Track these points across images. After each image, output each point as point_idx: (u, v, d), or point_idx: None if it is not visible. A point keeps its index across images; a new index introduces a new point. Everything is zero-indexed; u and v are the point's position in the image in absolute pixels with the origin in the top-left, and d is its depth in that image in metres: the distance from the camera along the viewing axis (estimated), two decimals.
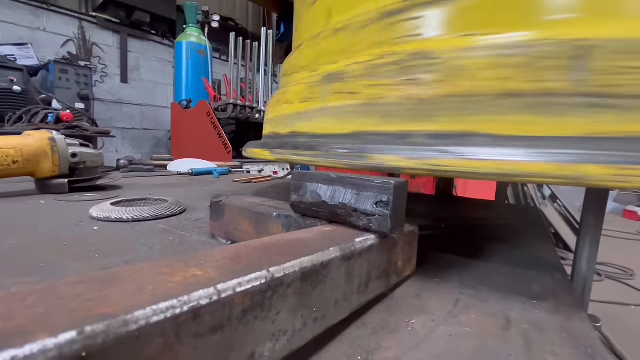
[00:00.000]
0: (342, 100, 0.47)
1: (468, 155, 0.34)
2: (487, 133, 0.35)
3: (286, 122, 0.60)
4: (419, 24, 0.41)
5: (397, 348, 0.26)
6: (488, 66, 0.36)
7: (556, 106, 0.32)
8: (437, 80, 0.38)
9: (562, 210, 3.15)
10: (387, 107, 0.42)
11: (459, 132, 0.37)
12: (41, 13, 3.29)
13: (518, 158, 0.32)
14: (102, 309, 0.14)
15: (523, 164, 0.32)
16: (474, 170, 0.34)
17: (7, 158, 0.76)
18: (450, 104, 0.37)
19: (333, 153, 0.45)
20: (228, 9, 5.03)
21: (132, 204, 0.73)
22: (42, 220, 0.60)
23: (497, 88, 0.35)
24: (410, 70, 0.40)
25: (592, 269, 0.60)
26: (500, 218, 0.82)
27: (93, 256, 0.44)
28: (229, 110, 2.76)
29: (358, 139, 0.45)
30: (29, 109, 2.36)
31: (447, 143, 0.37)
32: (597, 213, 0.56)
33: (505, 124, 0.34)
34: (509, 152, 0.33)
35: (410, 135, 0.40)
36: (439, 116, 0.38)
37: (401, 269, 0.38)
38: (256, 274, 0.20)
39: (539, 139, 0.33)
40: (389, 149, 0.40)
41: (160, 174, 1.48)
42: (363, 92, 0.45)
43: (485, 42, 0.36)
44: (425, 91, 0.39)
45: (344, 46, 0.50)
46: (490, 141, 0.35)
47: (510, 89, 0.34)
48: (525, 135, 0.33)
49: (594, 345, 0.28)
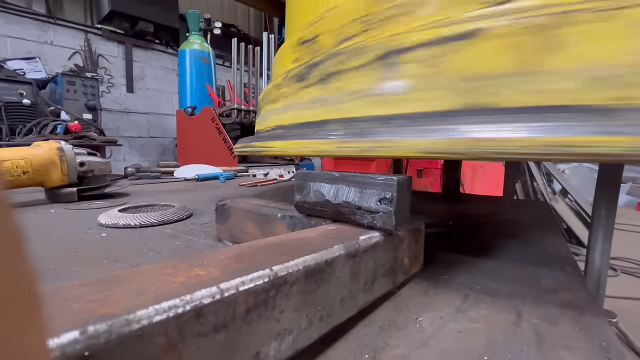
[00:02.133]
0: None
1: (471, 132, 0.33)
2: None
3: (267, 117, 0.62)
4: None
5: (405, 346, 0.26)
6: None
7: None
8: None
9: (573, 205, 3.09)
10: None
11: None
12: (48, 27, 3.36)
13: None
14: (105, 310, 0.15)
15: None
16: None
17: (17, 169, 0.78)
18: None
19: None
20: (230, 15, 5.08)
21: (140, 210, 0.74)
22: (53, 229, 0.61)
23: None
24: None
25: (606, 263, 0.58)
26: (509, 214, 0.81)
27: (101, 262, 0.45)
28: (233, 116, 2.78)
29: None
30: (38, 121, 2.41)
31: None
32: (608, 204, 0.55)
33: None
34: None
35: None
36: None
37: (408, 266, 0.38)
38: (259, 273, 0.20)
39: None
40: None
41: (167, 180, 1.50)
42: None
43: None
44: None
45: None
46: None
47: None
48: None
49: (609, 339, 0.27)
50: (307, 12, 0.58)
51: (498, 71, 0.34)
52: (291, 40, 0.62)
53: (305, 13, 0.60)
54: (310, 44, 0.56)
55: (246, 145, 0.68)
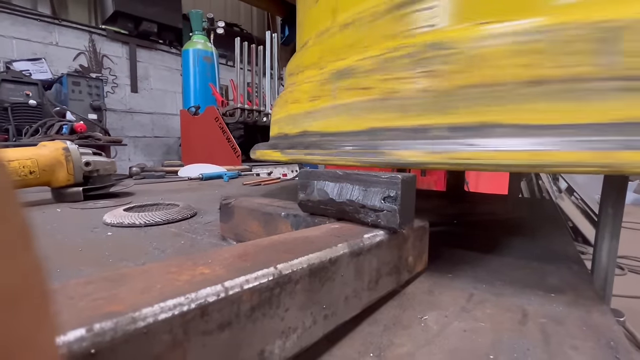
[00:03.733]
0: (355, 96, 0.47)
1: (493, 147, 0.33)
2: (512, 123, 0.34)
3: (295, 121, 0.60)
4: (432, 14, 0.41)
5: (410, 344, 0.26)
6: (510, 54, 0.34)
7: (586, 92, 0.31)
8: (455, 71, 0.37)
9: (579, 203, 3.06)
10: (403, 101, 0.41)
11: (480, 123, 0.35)
12: (53, 28, 3.39)
13: (550, 147, 0.30)
14: (111, 307, 0.15)
15: (556, 154, 0.30)
16: (502, 162, 0.32)
17: (24, 169, 0.79)
18: (470, 95, 0.36)
19: (347, 151, 0.44)
20: (233, 14, 5.09)
21: (144, 209, 0.74)
22: (59, 228, 0.62)
23: (521, 76, 0.33)
24: (426, 62, 0.39)
25: (613, 261, 0.57)
26: (514, 212, 0.80)
27: (107, 261, 0.45)
28: (237, 115, 2.78)
29: (373, 135, 0.44)
30: (44, 122, 2.43)
31: (467, 135, 0.35)
32: (616, 202, 0.54)
33: (532, 112, 0.33)
34: (539, 142, 0.31)
35: (428, 129, 0.39)
36: (458, 108, 0.37)
37: (412, 265, 0.38)
38: (263, 271, 0.20)
39: (569, 127, 0.31)
40: (405, 144, 0.39)
41: (172, 179, 1.51)
42: (376, 86, 0.44)
43: (504, 29, 0.35)
44: (442, 83, 0.38)
45: (352, 41, 0.50)
46: (517, 131, 0.33)
47: (536, 75, 0.33)
48: (554, 123, 0.32)
49: (617, 338, 0.26)
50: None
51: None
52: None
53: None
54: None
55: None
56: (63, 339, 0.12)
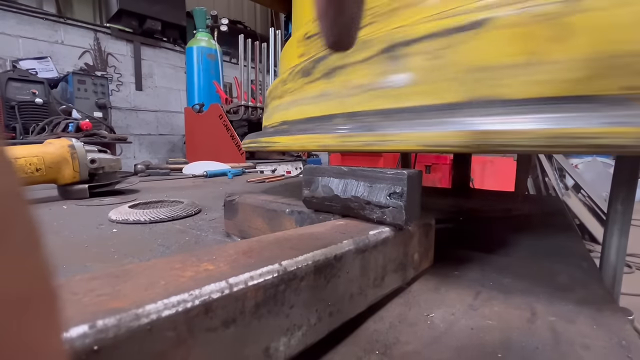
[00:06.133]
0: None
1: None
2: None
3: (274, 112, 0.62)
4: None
5: (416, 342, 0.26)
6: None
7: None
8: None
9: (587, 201, 3.02)
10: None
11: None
12: (59, 27, 3.41)
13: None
14: (114, 304, 0.14)
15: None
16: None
17: (31, 166, 0.79)
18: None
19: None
20: (236, 12, 5.08)
21: (149, 206, 0.74)
22: (65, 225, 0.62)
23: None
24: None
25: (622, 259, 0.56)
26: (520, 209, 0.79)
27: (112, 257, 0.45)
28: (241, 112, 2.78)
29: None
30: (50, 120, 2.45)
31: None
32: (625, 199, 0.53)
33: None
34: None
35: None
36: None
37: (418, 262, 0.37)
38: (268, 268, 0.20)
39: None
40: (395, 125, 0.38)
41: (176, 177, 1.51)
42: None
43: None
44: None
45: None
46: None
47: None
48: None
49: (628, 337, 0.26)
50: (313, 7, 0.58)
51: (506, 62, 0.33)
52: (297, 35, 0.62)
53: (311, 7, 0.59)
54: (315, 38, 0.56)
55: (253, 141, 0.68)
56: (66, 335, 0.12)
